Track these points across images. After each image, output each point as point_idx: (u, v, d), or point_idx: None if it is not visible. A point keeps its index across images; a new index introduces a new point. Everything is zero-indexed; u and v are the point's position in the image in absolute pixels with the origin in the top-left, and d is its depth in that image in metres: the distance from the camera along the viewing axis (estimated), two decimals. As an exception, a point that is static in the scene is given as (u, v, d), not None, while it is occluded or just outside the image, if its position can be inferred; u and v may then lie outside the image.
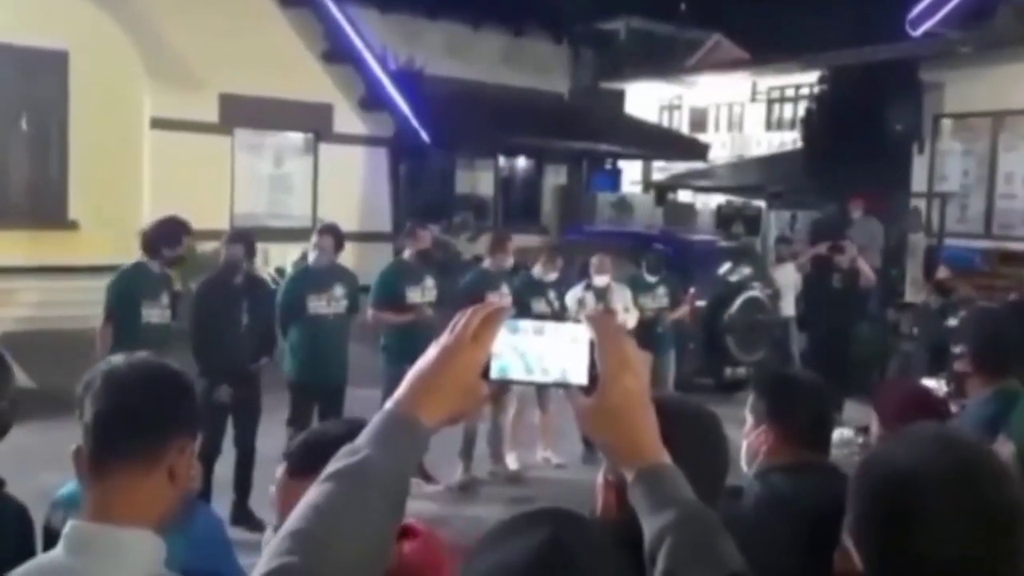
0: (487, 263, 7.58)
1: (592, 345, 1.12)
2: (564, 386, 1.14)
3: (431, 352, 1.11)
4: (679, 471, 1.13)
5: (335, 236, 6.57)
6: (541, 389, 1.21)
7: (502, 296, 7.36)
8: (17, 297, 10.88)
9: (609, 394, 1.11)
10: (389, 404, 1.09)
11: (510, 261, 7.65)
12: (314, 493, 1.01)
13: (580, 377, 1.12)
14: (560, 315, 7.65)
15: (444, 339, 1.11)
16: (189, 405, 1.60)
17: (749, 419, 2.44)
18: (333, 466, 1.03)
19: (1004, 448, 2.47)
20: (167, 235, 5.85)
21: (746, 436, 2.42)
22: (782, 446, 2.32)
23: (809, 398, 2.42)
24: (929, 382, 3.20)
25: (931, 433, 1.25)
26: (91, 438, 1.51)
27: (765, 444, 2.34)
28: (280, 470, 1.77)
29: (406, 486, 1.04)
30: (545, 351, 1.12)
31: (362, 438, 1.05)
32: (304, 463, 1.61)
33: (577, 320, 1.15)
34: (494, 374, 1.11)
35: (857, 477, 1.21)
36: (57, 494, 2.20)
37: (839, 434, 2.75)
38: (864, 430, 2.71)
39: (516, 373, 1.12)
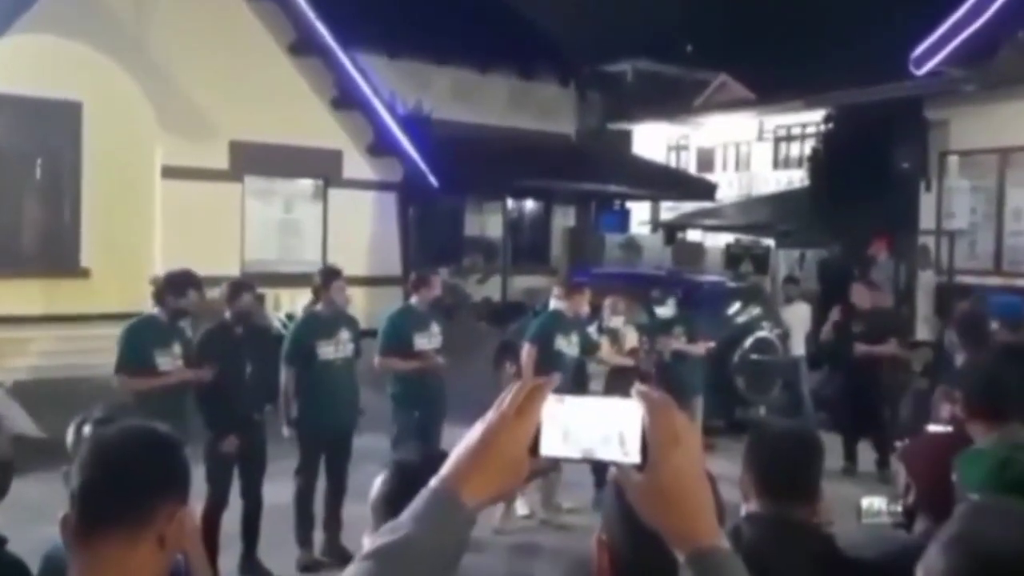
0: (562, 306, 7.56)
1: (644, 421, 1.08)
2: (615, 464, 1.10)
3: (475, 429, 1.09)
4: (735, 555, 1.08)
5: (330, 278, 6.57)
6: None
7: (569, 342, 7.39)
8: (29, 346, 10.91)
9: (659, 472, 1.07)
10: (433, 481, 1.07)
11: (587, 308, 7.68)
12: (354, 571, 1.02)
13: (632, 454, 1.08)
14: (584, 351, 7.68)
15: (489, 415, 1.09)
16: (179, 470, 1.58)
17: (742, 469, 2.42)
18: (374, 543, 1.03)
19: None
20: (174, 285, 5.88)
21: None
22: (758, 496, 2.28)
23: (780, 448, 2.33)
24: (936, 428, 3.12)
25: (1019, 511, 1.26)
26: (78, 507, 1.49)
27: (742, 492, 2.32)
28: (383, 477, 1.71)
29: (446, 566, 1.04)
30: (594, 427, 1.08)
31: (405, 515, 1.05)
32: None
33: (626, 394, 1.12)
34: (543, 451, 1.08)
35: (947, 556, 1.18)
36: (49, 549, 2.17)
37: (868, 503, 2.66)
38: (897, 499, 2.61)
39: (565, 450, 1.09)
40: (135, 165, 12.43)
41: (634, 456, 1.08)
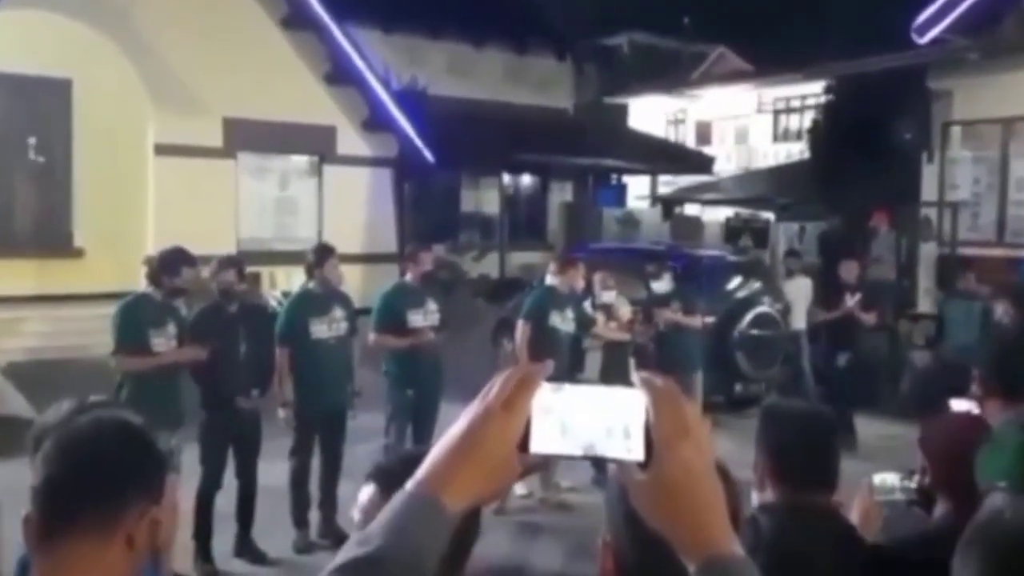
0: (556, 281, 7.46)
1: (648, 412, 0.97)
2: (617, 461, 0.98)
3: (458, 423, 0.97)
4: (750, 562, 0.96)
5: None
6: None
7: (564, 317, 7.31)
8: (23, 326, 10.83)
9: (666, 468, 0.95)
10: (410, 484, 0.96)
11: (581, 283, 7.61)
12: None
13: (636, 450, 0.96)
14: (580, 327, 7.59)
15: (473, 407, 0.97)
16: (151, 466, 1.46)
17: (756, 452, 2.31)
18: (343, 557, 0.92)
19: None
20: (166, 264, 5.75)
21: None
22: (772, 482, 2.17)
23: (797, 433, 2.20)
24: (960, 403, 2.98)
25: None
26: (40, 504, 1.39)
27: (756, 479, 2.22)
28: (369, 490, 1.56)
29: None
30: (596, 419, 0.96)
31: (376, 524, 0.93)
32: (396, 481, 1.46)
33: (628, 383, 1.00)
34: (535, 447, 0.96)
35: (978, 543, 1.16)
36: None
37: (880, 480, 2.55)
38: (910, 474, 2.51)
39: (563, 445, 0.97)
40: (127, 143, 12.29)
41: (638, 452, 0.96)
